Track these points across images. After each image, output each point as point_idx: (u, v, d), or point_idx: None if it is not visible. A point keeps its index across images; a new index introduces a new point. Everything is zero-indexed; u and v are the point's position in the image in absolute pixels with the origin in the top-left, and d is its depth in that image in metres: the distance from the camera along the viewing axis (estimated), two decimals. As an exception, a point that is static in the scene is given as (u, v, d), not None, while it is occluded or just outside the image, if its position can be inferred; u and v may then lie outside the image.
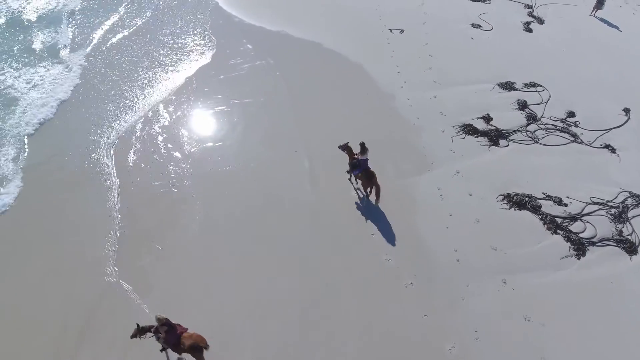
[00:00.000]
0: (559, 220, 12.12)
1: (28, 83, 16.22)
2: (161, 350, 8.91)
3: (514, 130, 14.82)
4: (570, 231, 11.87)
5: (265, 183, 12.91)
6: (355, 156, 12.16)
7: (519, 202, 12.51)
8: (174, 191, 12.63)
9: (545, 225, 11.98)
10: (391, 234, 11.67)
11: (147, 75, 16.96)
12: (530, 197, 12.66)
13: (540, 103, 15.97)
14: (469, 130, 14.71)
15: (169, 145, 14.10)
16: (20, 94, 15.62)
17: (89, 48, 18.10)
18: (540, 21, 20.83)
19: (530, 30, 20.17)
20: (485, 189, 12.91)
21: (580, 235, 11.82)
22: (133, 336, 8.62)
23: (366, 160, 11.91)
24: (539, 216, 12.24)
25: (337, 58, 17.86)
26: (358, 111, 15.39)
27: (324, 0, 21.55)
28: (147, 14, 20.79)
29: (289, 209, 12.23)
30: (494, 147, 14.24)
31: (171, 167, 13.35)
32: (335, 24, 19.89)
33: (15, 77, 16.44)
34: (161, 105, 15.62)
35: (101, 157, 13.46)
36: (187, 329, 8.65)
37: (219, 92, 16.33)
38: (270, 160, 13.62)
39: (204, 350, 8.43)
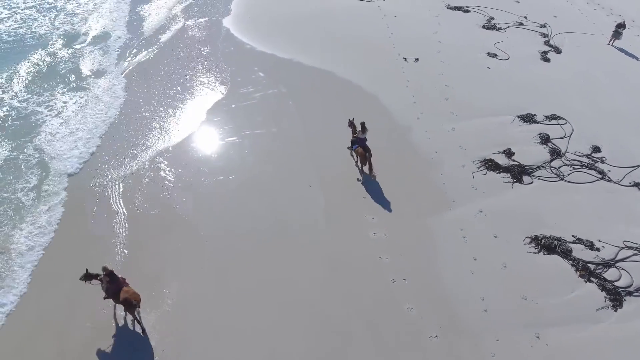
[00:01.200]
0: (591, 266, 11.34)
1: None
2: (104, 298, 9.76)
3: (538, 166, 14.17)
4: (605, 279, 11.07)
5: (277, 221, 12.28)
6: (356, 135, 13.71)
7: (547, 245, 11.76)
8: (179, 228, 12.02)
9: (578, 272, 11.20)
10: (412, 279, 10.94)
11: (154, 107, 16.60)
12: (559, 240, 11.91)
13: (563, 137, 15.36)
14: (491, 165, 14.08)
15: (176, 178, 13.57)
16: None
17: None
18: (558, 50, 20.42)
19: (547, 60, 19.73)
20: (511, 230, 12.19)
21: (616, 283, 11.02)
22: (81, 279, 9.64)
23: (365, 139, 13.35)
24: (570, 262, 11.47)
25: (350, 87, 17.44)
26: (374, 144, 14.69)
27: (336, 28, 21.31)
28: (160, 40, 20.67)
29: (302, 249, 11.55)
30: (517, 184, 13.57)
31: (178, 202, 12.78)
32: (349, 52, 19.56)
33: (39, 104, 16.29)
34: (170, 136, 15.17)
35: (109, 189, 12.97)
36: (128, 284, 9.53)
37: (229, 122, 15.89)
38: (283, 195, 13.02)
39: (136, 308, 9.34)
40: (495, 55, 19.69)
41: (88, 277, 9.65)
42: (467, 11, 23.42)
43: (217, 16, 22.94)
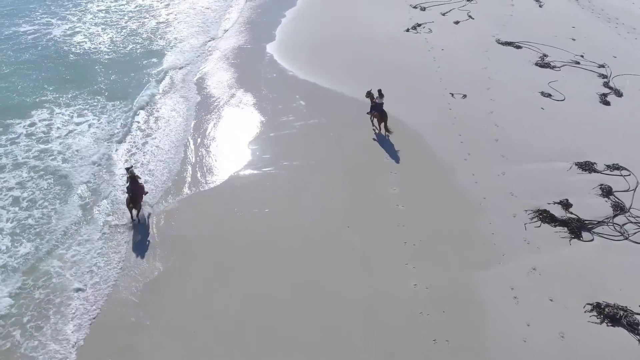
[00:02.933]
0: (665, 346, 9.94)
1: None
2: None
3: (599, 222, 12.88)
4: (682, 362, 9.64)
5: (311, 261, 11.59)
6: (375, 99, 15.81)
7: (611, 315, 10.44)
8: (208, 259, 11.54)
9: (649, 351, 9.83)
10: (455, 341, 9.87)
11: (193, 130, 16.54)
12: (625, 310, 10.55)
13: (627, 190, 14.03)
14: (545, 217, 12.91)
15: (209, 207, 13.21)
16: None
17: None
18: (618, 93, 19.09)
19: (607, 103, 18.43)
20: (569, 294, 10.94)
21: (696, 369, 9.56)
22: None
23: (382, 103, 15.59)
24: (638, 337, 10.10)
25: (393, 122, 16.74)
26: (416, 185, 14.02)
27: (380, 58, 20.88)
28: (204, 62, 20.88)
29: (336, 296, 10.74)
30: (575, 240, 12.34)
31: (208, 231, 12.36)
32: (393, 84, 18.85)
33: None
34: (206, 162, 14.94)
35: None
36: (144, 192, 12.50)
37: (267, 150, 15.52)
38: (319, 234, 12.34)
39: (134, 210, 12.27)
40: (549, 95, 18.59)
41: (129, 170, 12.51)
42: (518, 47, 22.49)
43: (262, 42, 23.05)
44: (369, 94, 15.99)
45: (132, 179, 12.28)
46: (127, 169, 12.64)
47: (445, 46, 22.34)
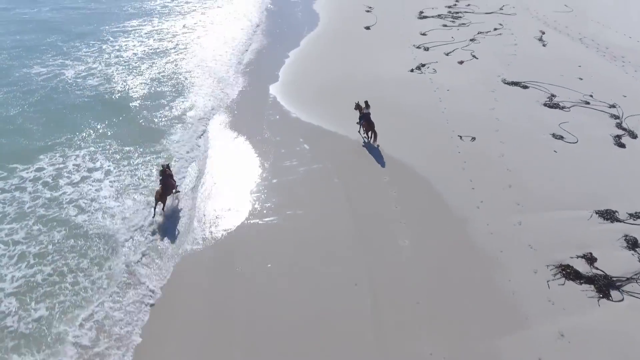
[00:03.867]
0: None
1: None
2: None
3: (627, 279, 11.90)
4: None
5: (316, 321, 10.61)
6: (362, 110, 17.21)
7: (654, 392, 9.33)
8: (207, 319, 10.57)
9: None
10: None
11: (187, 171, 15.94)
12: (668, 385, 9.46)
13: (654, 242, 13.10)
14: (569, 273, 11.95)
15: (207, 262, 12.35)
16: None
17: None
18: (633, 135, 18.46)
19: (622, 145, 17.77)
20: (604, 365, 9.86)
21: None
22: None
23: (369, 113, 17.03)
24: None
25: (400, 167, 16.14)
26: (427, 237, 13.15)
27: (384, 100, 20.46)
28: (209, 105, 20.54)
29: (345, 366, 9.72)
30: (604, 300, 11.33)
31: (205, 290, 11.44)
32: (398, 126, 18.50)
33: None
34: (206, 210, 14.21)
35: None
36: (174, 187, 14.28)
37: (270, 198, 14.81)
38: (324, 292, 11.40)
39: (159, 202, 13.58)
40: (561, 137, 17.99)
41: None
42: (525, 87, 22.16)
43: (265, 83, 22.88)
44: (357, 106, 17.44)
45: (164, 173, 13.90)
46: (162, 165, 14.19)
47: (450, 86, 22.04)
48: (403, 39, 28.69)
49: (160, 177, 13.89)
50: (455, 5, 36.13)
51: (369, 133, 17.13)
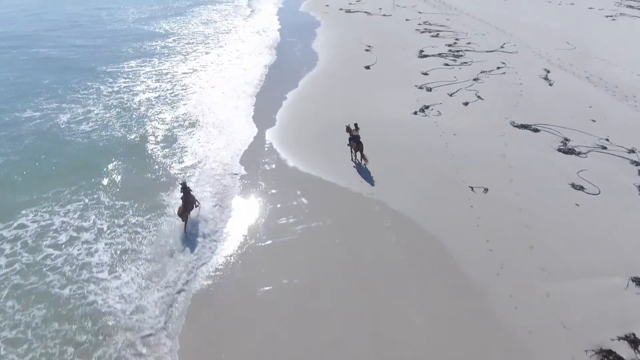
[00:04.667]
0: None
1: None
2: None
3: (682, 367, 10.13)
4: None
5: None
6: (352, 132, 17.78)
7: None
8: None
9: None
10: None
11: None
12: None
13: None
14: (612, 361, 10.20)
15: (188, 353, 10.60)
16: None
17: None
18: (658, 184, 17.02)
19: (648, 196, 16.31)
20: None
21: None
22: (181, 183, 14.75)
23: (358, 135, 17.56)
24: None
25: (406, 225, 14.61)
26: (441, 312, 11.45)
27: (389, 146, 19.26)
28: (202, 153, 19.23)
29: None
30: (658, 396, 9.53)
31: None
32: (403, 176, 17.13)
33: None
34: (188, 280, 12.56)
35: None
36: (195, 203, 14.60)
37: (263, 264, 13.21)
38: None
39: (181, 217, 13.97)
40: (581, 188, 16.53)
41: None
42: (536, 130, 20.94)
43: (262, 127, 21.73)
44: (348, 129, 18.18)
45: (185, 190, 14.16)
46: (182, 183, 14.39)
47: (457, 130, 20.84)
48: (404, 78, 27.84)
49: (182, 194, 14.15)
50: (456, 43, 35.64)
51: (358, 154, 17.74)
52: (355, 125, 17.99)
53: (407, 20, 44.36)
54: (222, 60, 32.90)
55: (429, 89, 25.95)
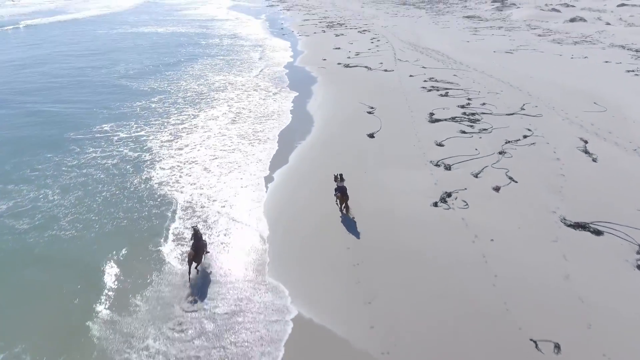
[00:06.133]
0: None
1: None
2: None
3: None
4: None
5: None
6: (337, 183, 17.41)
7: None
8: None
9: None
10: None
11: None
12: None
13: None
14: None
15: None
16: None
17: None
18: None
19: None
20: None
21: None
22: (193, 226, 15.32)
23: (344, 187, 17.22)
24: None
25: None
26: None
27: (404, 251, 14.21)
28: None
29: None
30: None
31: None
32: (425, 315, 11.93)
33: None
34: None
35: None
36: (205, 249, 14.33)
37: None
38: None
39: (194, 263, 13.38)
40: None
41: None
42: (598, 232, 15.88)
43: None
44: (335, 178, 17.60)
45: (196, 236, 13.84)
46: (193, 227, 14.30)
47: (493, 232, 15.82)
48: (417, 151, 23.23)
49: (192, 241, 13.87)
50: (469, 104, 31.53)
51: (342, 205, 17.29)
52: (341, 175, 17.59)
53: (410, 76, 40.70)
54: (204, 124, 28.47)
55: (448, 167, 21.24)
